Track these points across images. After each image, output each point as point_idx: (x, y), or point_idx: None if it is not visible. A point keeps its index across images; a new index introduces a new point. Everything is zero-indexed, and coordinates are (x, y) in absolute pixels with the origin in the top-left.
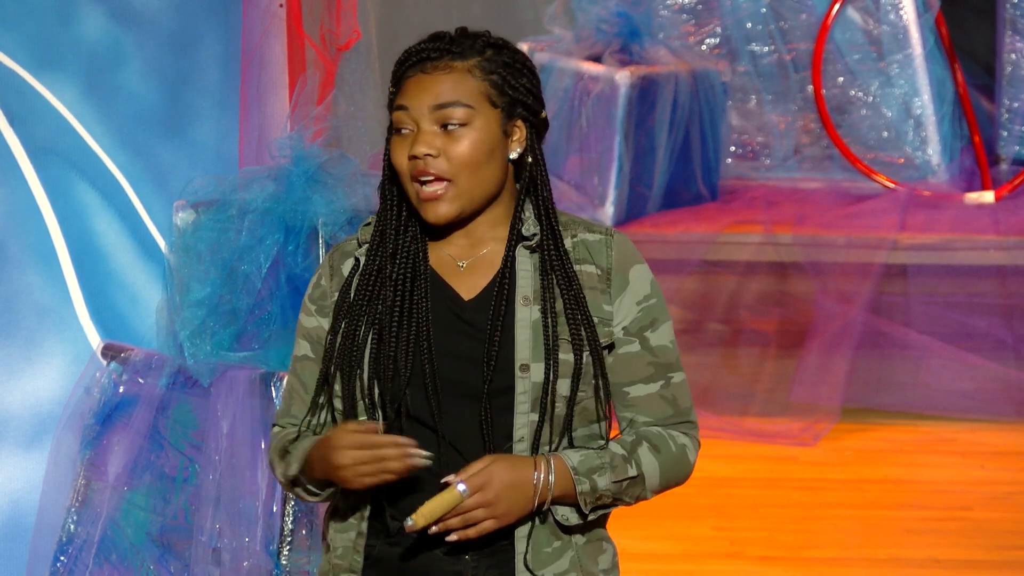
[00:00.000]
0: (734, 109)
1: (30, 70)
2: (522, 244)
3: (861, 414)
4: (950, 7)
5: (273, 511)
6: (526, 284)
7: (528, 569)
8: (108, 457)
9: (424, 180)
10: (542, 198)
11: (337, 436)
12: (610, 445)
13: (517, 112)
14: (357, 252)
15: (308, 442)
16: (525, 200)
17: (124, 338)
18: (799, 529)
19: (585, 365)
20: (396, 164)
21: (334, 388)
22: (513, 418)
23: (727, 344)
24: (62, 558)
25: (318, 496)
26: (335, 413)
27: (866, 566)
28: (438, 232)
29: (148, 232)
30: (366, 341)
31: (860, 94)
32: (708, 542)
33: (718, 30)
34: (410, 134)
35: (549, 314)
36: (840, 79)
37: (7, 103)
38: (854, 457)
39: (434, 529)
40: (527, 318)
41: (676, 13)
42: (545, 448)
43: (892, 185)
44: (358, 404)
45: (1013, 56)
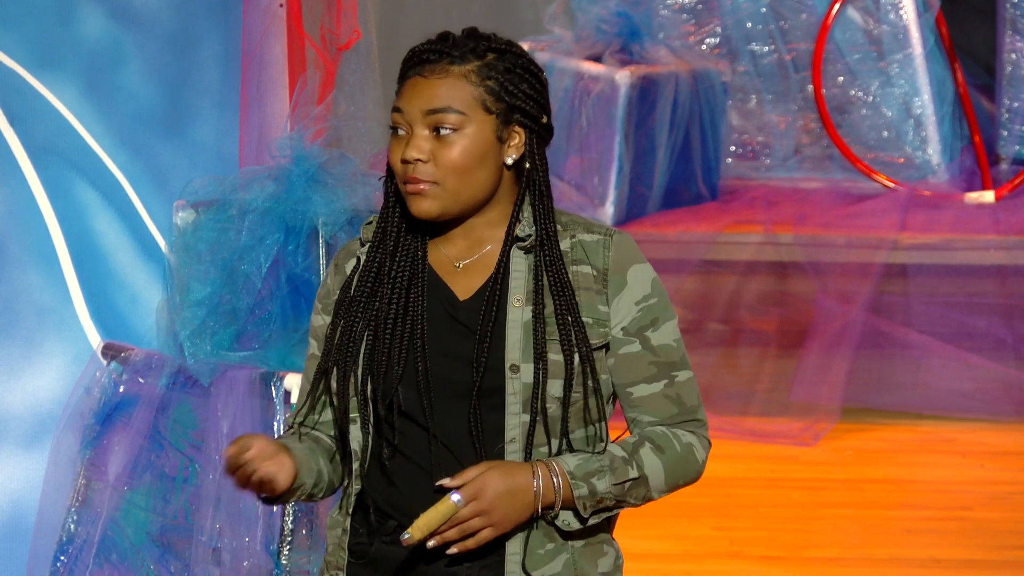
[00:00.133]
0: (734, 109)
1: (30, 70)
2: (517, 245)
3: (861, 414)
4: (950, 7)
5: (273, 511)
6: (519, 285)
7: (524, 571)
8: (108, 457)
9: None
10: (540, 201)
11: (231, 452)
12: (610, 447)
13: (514, 118)
14: (359, 251)
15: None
16: (523, 203)
17: (124, 338)
18: (799, 529)
19: (577, 366)
20: (391, 164)
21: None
22: (504, 419)
23: (727, 344)
24: (62, 558)
25: (271, 503)
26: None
27: (866, 566)
28: (438, 232)
29: (148, 232)
30: (362, 338)
31: (860, 94)
32: (708, 542)
33: (718, 30)
34: (405, 136)
35: (540, 315)
36: (840, 79)
37: (7, 103)
38: (854, 457)
39: (432, 544)
40: (519, 319)
41: (676, 13)
42: (541, 449)
43: (892, 185)
44: (351, 401)
45: (1013, 56)
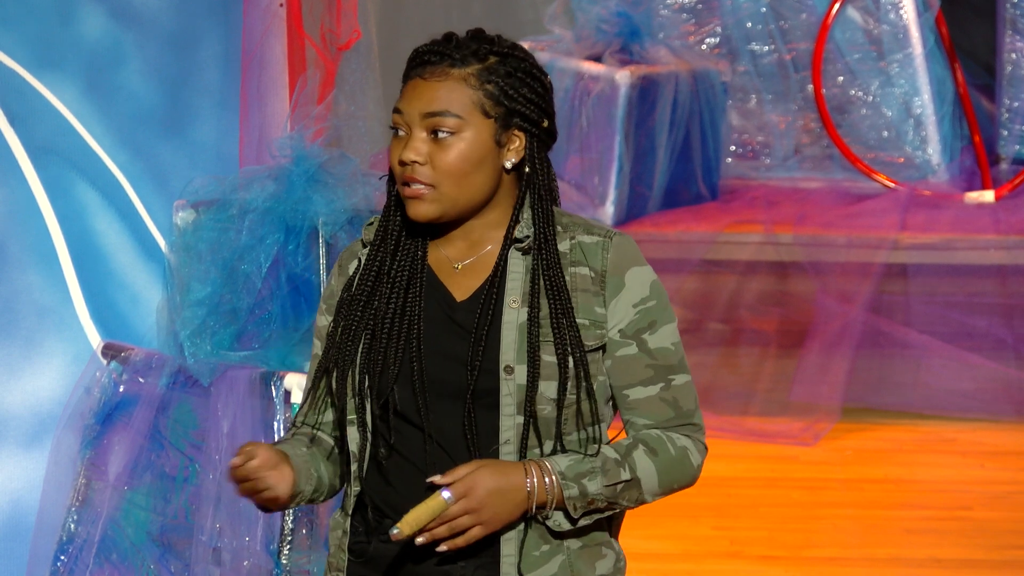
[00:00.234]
0: (734, 109)
1: (30, 70)
2: (515, 247)
3: (861, 414)
4: (950, 7)
5: None
6: (516, 286)
7: (519, 573)
8: (108, 457)
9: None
10: (540, 204)
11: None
12: (603, 449)
13: (514, 122)
14: (360, 252)
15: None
16: (523, 205)
17: (124, 338)
18: (799, 529)
19: (572, 369)
20: (391, 164)
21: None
22: (499, 420)
23: (727, 344)
24: (62, 557)
25: (268, 511)
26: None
27: (866, 566)
28: (438, 233)
29: (148, 232)
30: (360, 337)
31: (860, 94)
32: (708, 542)
33: (718, 30)
34: (404, 137)
35: (535, 317)
36: (840, 79)
37: (7, 103)
38: (854, 457)
39: (420, 540)
40: (514, 320)
41: (676, 13)
42: (535, 451)
43: (892, 185)
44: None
45: (1013, 56)
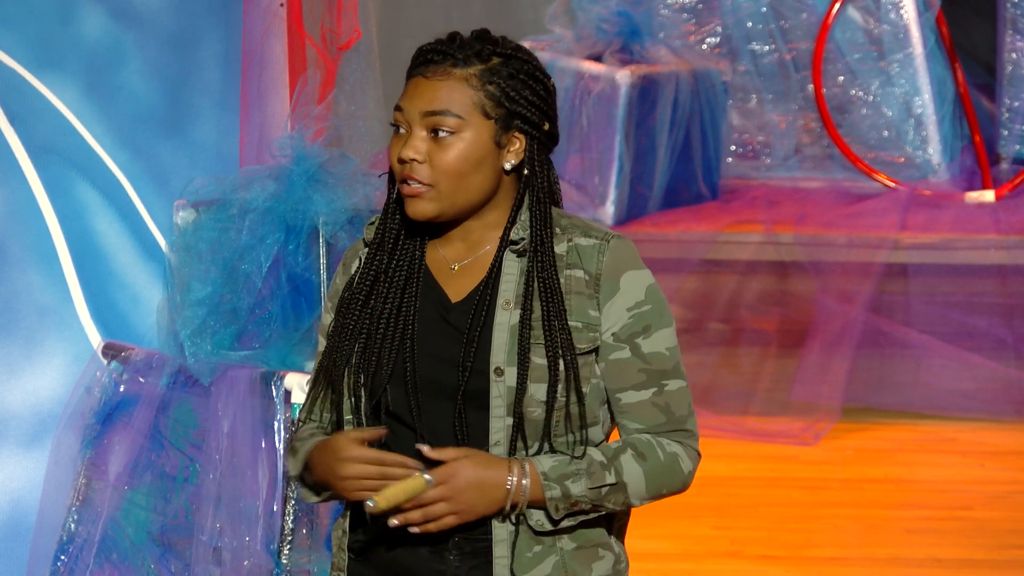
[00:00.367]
0: (735, 108)
1: (30, 69)
2: (510, 248)
3: (861, 413)
4: (951, 6)
5: (274, 510)
6: (509, 288)
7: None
8: (109, 456)
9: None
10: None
11: (342, 445)
12: (589, 451)
13: (514, 124)
14: (362, 251)
15: (312, 443)
16: (521, 207)
17: (125, 337)
18: (799, 528)
19: (562, 371)
20: (390, 162)
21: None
22: (489, 421)
23: (728, 343)
24: (63, 557)
25: (317, 498)
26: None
27: (866, 565)
28: (437, 233)
29: (149, 231)
30: (357, 337)
31: (861, 93)
32: (708, 541)
33: (719, 29)
34: (404, 134)
35: (528, 319)
36: (840, 78)
37: (7, 102)
38: (854, 457)
39: (394, 522)
40: (506, 322)
41: (677, 12)
42: (523, 453)
43: (893, 184)
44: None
45: (1014, 55)
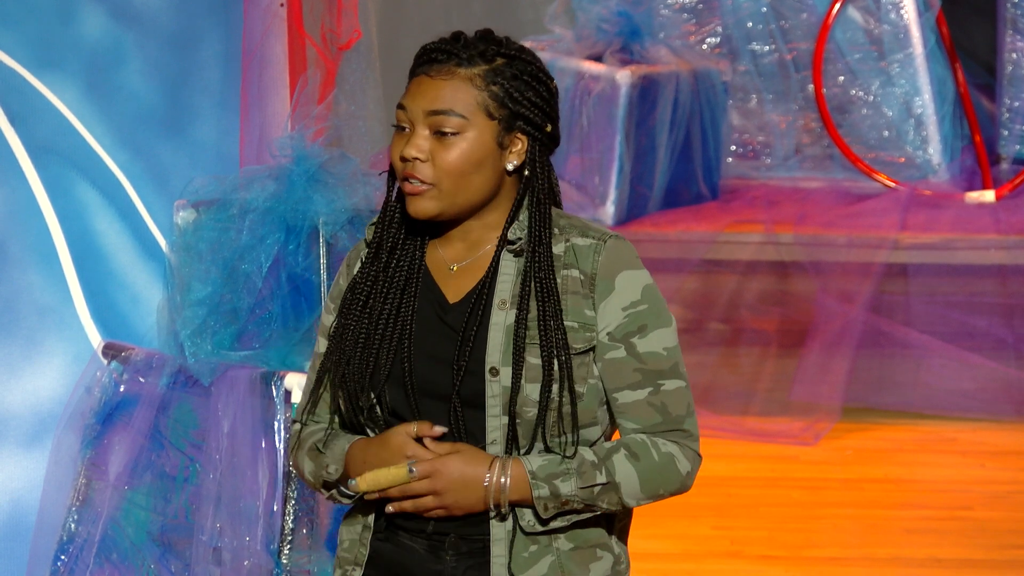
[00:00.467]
0: (735, 108)
1: (31, 69)
2: (507, 248)
3: (862, 413)
4: (951, 6)
5: (274, 510)
6: (505, 288)
7: (510, 573)
8: (109, 456)
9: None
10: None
11: (402, 443)
12: (581, 451)
13: (517, 125)
14: (363, 252)
15: (344, 441)
16: (520, 207)
17: (125, 337)
18: (799, 528)
19: (557, 371)
20: (391, 159)
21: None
22: (485, 420)
23: (728, 343)
24: (63, 557)
25: (354, 499)
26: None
27: (866, 565)
28: (437, 233)
29: (149, 231)
30: (357, 338)
31: (861, 93)
32: (708, 541)
33: (719, 29)
34: (407, 132)
35: (523, 319)
36: (841, 78)
37: (8, 103)
38: (854, 457)
39: (390, 508)
40: (501, 322)
41: (677, 12)
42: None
43: (893, 184)
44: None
45: (1014, 55)
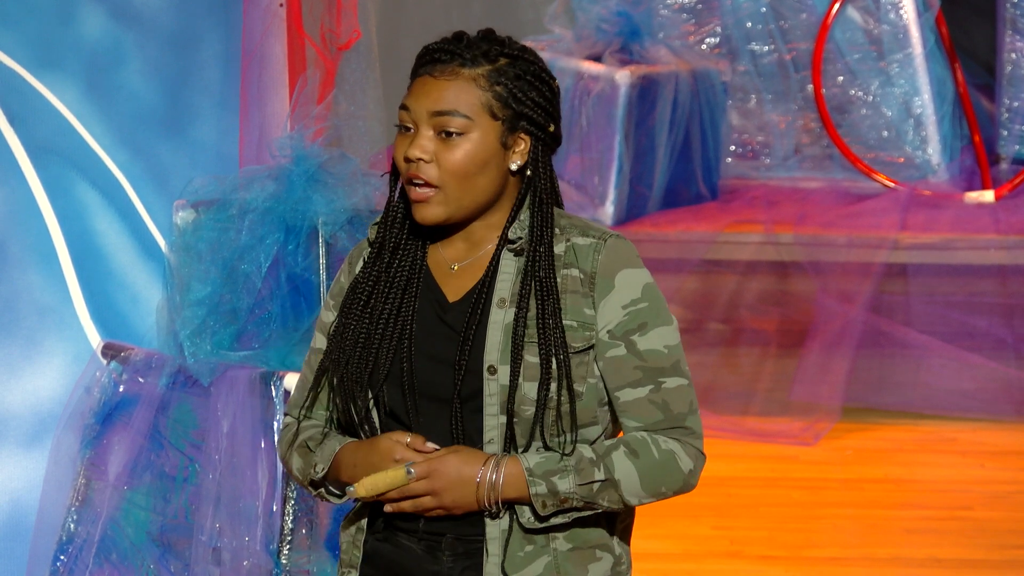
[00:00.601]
0: (734, 108)
1: (30, 70)
2: (507, 247)
3: (861, 413)
4: (950, 6)
5: (273, 510)
6: (505, 287)
7: (503, 572)
8: (108, 456)
9: (416, 183)
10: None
11: (391, 447)
12: (579, 448)
13: (520, 125)
14: (365, 251)
15: (335, 442)
16: (522, 207)
17: (124, 337)
18: (799, 528)
19: (555, 369)
20: (395, 160)
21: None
22: (483, 419)
23: (727, 343)
24: (62, 557)
25: (342, 498)
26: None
27: (866, 565)
28: (439, 233)
29: (148, 232)
30: (357, 337)
31: (860, 93)
32: (708, 541)
33: (718, 29)
34: (410, 133)
35: (523, 318)
36: (840, 78)
37: (7, 103)
38: (854, 457)
39: (388, 508)
40: (500, 321)
41: (676, 12)
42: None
43: (892, 184)
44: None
45: (1013, 55)
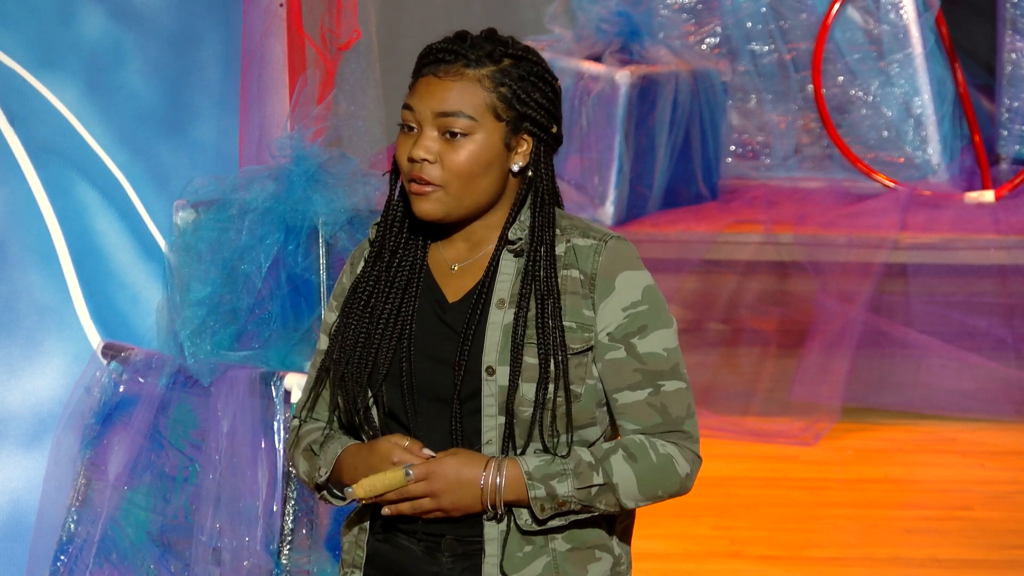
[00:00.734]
0: (734, 108)
1: (30, 70)
2: (507, 248)
3: (861, 413)
4: (950, 6)
5: (273, 510)
6: (504, 287)
7: (502, 572)
8: (108, 456)
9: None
10: (541, 209)
11: (389, 449)
12: (578, 451)
13: (523, 126)
14: (367, 251)
15: (338, 445)
16: (522, 207)
17: (124, 338)
18: (799, 529)
19: (553, 370)
20: (398, 160)
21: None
22: (481, 420)
23: (727, 343)
24: (62, 557)
25: (344, 501)
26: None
27: (866, 565)
28: (440, 233)
29: (148, 232)
30: (358, 337)
31: (860, 93)
32: (708, 542)
33: (718, 29)
34: (414, 133)
35: (522, 318)
36: (840, 78)
37: (7, 103)
38: (854, 457)
39: (386, 510)
40: (499, 321)
41: (676, 12)
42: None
43: (892, 184)
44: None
45: (1013, 55)
